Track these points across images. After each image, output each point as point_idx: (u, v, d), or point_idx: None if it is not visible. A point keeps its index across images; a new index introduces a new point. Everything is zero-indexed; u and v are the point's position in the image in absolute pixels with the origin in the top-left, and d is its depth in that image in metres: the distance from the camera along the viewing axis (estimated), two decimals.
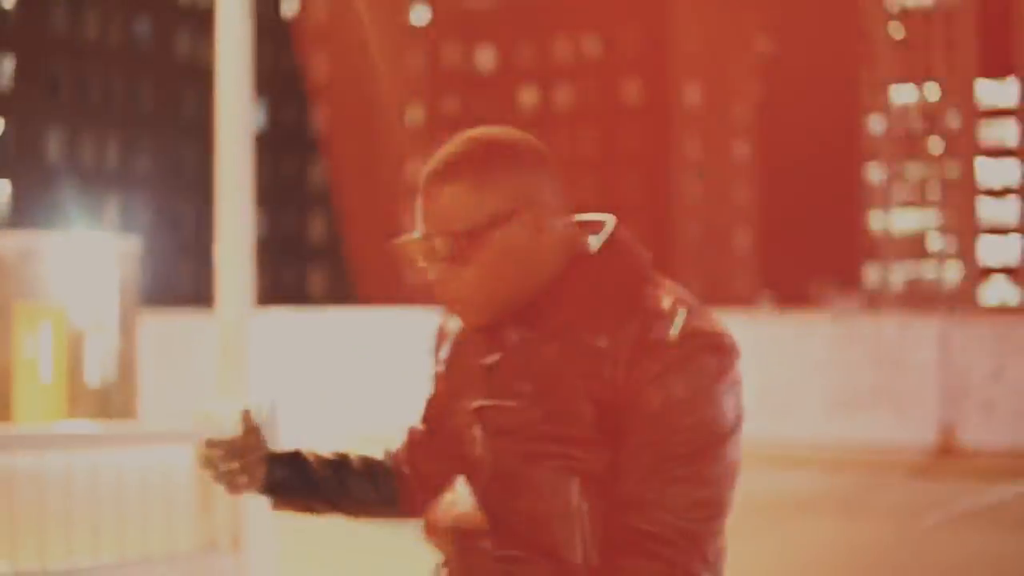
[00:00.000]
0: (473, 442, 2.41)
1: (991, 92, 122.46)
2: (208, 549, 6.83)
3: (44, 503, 6.20)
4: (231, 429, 2.69)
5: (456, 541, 2.43)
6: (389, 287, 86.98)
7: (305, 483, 2.61)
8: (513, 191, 2.28)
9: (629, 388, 2.20)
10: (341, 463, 2.66)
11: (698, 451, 2.18)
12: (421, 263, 2.34)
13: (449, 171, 2.30)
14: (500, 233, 2.27)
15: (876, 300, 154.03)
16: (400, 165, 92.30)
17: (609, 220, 2.43)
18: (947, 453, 17.48)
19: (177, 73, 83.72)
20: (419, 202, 2.33)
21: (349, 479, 2.66)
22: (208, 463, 2.51)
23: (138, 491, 6.85)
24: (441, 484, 2.51)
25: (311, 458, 2.63)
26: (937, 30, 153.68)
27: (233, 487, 2.56)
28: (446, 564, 2.50)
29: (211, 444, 2.52)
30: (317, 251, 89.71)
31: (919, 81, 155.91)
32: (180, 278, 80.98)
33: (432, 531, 2.52)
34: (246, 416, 2.56)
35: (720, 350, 2.21)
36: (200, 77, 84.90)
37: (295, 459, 2.60)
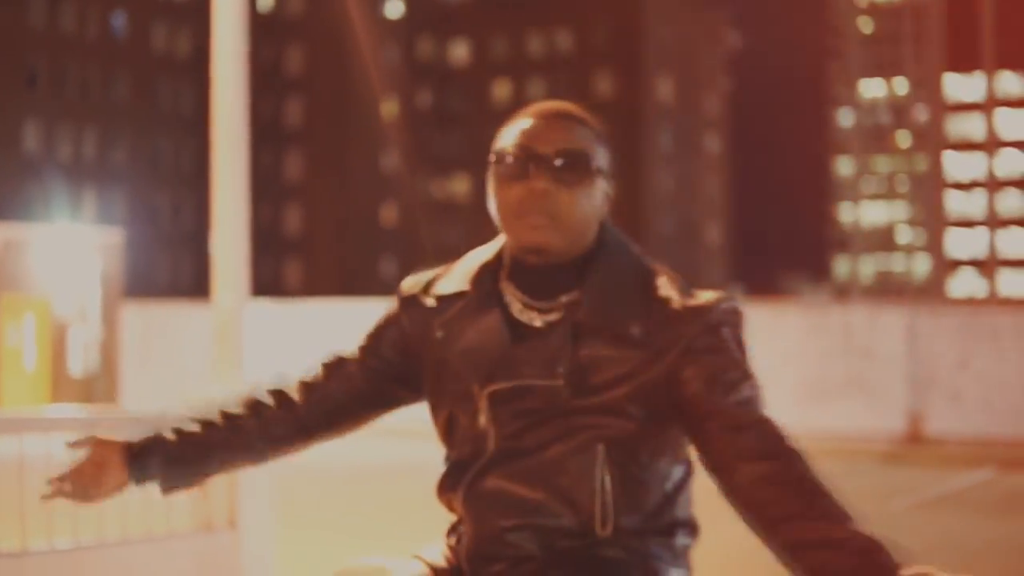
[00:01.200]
0: (475, 413, 2.58)
1: (959, 86, 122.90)
2: (204, 529, 7.01)
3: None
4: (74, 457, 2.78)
5: (472, 505, 2.58)
6: (364, 279, 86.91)
7: (183, 459, 2.80)
8: (611, 165, 2.61)
9: (673, 355, 2.49)
10: (228, 415, 2.82)
11: (744, 375, 2.53)
12: (517, 179, 2.54)
13: (581, 117, 2.61)
14: (599, 181, 2.57)
15: (845, 292, 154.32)
16: (375, 157, 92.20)
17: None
18: (915, 441, 17.76)
19: (154, 65, 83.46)
20: (534, 128, 2.58)
21: (247, 425, 2.81)
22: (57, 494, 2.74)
23: None
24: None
25: (184, 432, 2.80)
26: (905, 25, 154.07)
27: (86, 499, 2.78)
28: (457, 525, 2.68)
29: (56, 479, 2.76)
30: (292, 243, 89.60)
31: (888, 75, 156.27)
32: (157, 269, 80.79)
33: (444, 493, 2.69)
34: (92, 440, 2.77)
35: (730, 313, 2.56)
36: (177, 69, 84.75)
37: (160, 445, 2.78)
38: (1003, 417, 17.90)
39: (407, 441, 19.21)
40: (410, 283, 2.77)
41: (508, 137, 2.60)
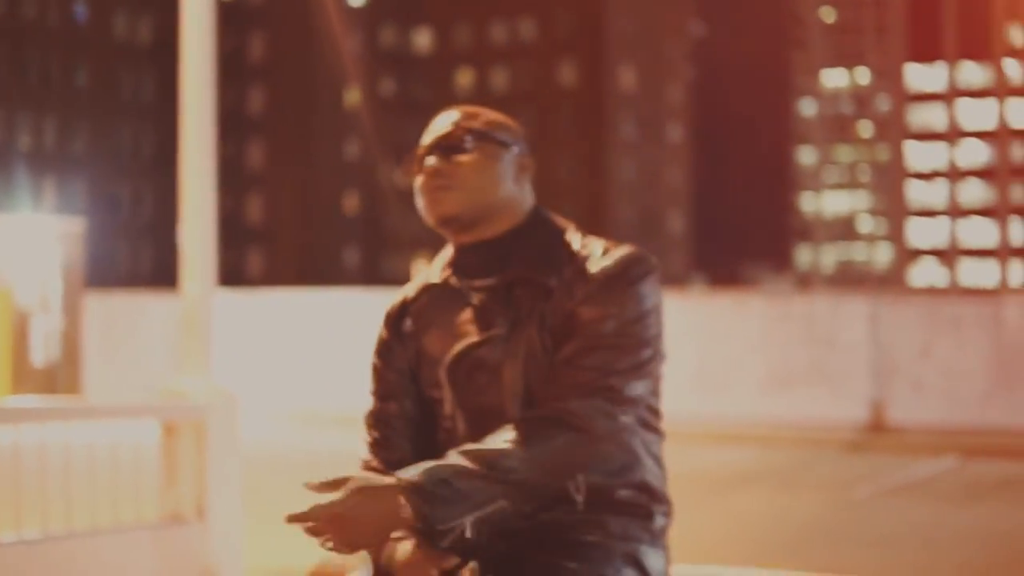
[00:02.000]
0: (444, 398, 2.79)
1: (920, 76, 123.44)
2: (173, 521, 7.01)
3: (20, 477, 6.40)
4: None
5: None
6: (327, 268, 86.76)
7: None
8: (516, 138, 2.90)
9: (574, 305, 2.70)
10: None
11: (625, 325, 2.69)
12: (417, 174, 2.85)
13: (470, 114, 2.89)
14: (489, 149, 2.84)
15: (807, 281, 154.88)
16: (337, 146, 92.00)
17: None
18: (877, 429, 17.86)
19: (115, 53, 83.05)
20: (422, 138, 2.89)
21: None
22: None
23: (106, 464, 7.05)
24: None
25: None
26: (868, 15, 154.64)
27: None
28: None
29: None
30: (254, 233, 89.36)
31: (850, 65, 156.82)
32: (117, 258, 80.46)
33: None
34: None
35: (639, 262, 2.75)
36: (138, 57, 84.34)
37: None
38: (965, 405, 18.03)
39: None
40: (391, 300, 3.02)
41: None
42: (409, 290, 2.94)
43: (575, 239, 2.82)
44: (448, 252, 2.92)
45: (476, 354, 2.74)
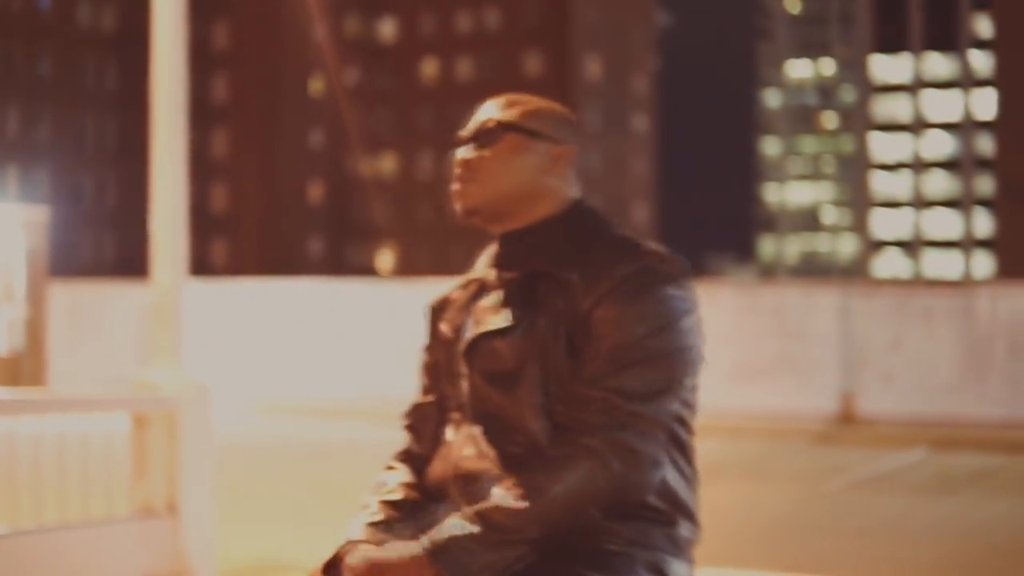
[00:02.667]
0: (460, 388, 2.71)
1: (885, 68, 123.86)
2: (144, 515, 6.91)
3: None
4: None
5: (461, 486, 2.65)
6: (292, 258, 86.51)
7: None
8: (553, 127, 2.81)
9: (589, 306, 2.59)
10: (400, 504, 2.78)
11: (648, 338, 2.57)
12: (457, 155, 2.80)
13: (513, 101, 2.83)
14: (515, 140, 2.76)
15: (771, 272, 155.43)
16: (302, 135, 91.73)
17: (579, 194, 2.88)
18: (847, 421, 17.84)
19: (79, 42, 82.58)
20: (475, 115, 2.83)
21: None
22: None
23: (76, 457, 6.94)
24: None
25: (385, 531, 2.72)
26: (833, 6, 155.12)
27: None
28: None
29: None
30: (218, 222, 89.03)
31: (815, 56, 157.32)
32: (80, 247, 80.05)
33: (432, 484, 2.75)
34: None
35: (666, 262, 2.64)
36: (102, 46, 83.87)
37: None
38: (935, 397, 18.03)
39: (338, 421, 19.15)
40: (438, 290, 2.96)
41: None
42: (454, 283, 2.89)
43: (609, 236, 2.71)
44: (493, 244, 2.86)
45: (491, 345, 2.66)
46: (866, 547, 9.70)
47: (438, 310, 2.87)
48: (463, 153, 2.77)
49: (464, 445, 2.65)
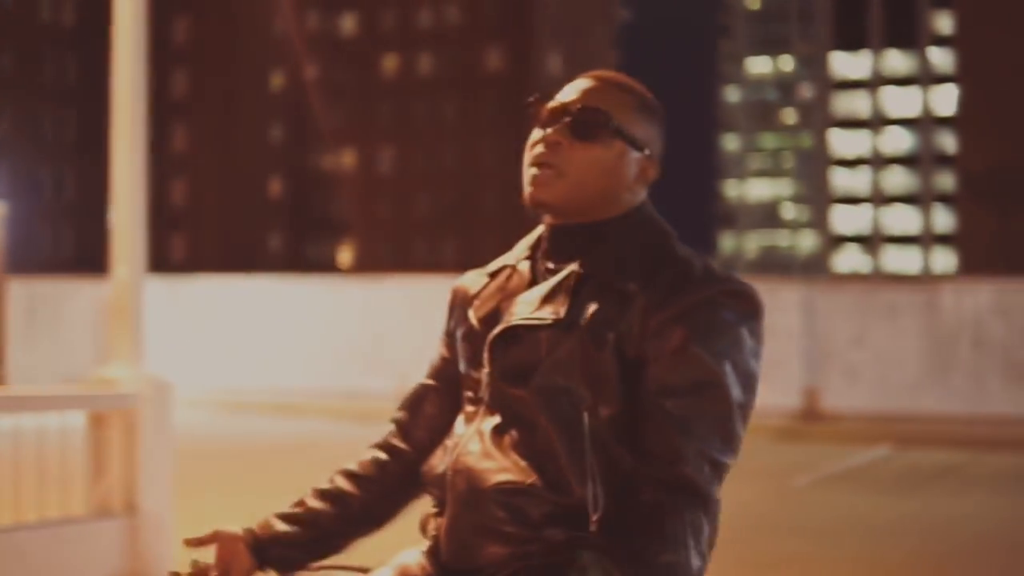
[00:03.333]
0: (479, 381, 2.49)
1: (845, 64, 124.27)
2: (101, 515, 6.79)
3: None
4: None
5: (455, 483, 2.45)
6: (252, 254, 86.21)
7: (306, 547, 2.66)
8: (651, 136, 2.55)
9: (647, 329, 2.36)
10: (333, 496, 2.69)
11: (713, 383, 2.35)
12: (539, 129, 2.52)
13: (628, 85, 2.56)
14: (620, 146, 2.50)
15: (731, 267, 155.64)
16: (262, 130, 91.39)
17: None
18: (812, 417, 17.81)
19: (39, 36, 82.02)
20: (576, 85, 2.55)
21: (355, 506, 2.67)
22: None
23: (32, 455, 6.80)
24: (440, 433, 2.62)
25: (296, 522, 2.67)
26: (793, 2, 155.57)
27: None
28: (439, 514, 2.52)
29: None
30: (177, 217, 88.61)
31: (775, 53, 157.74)
32: (38, 243, 79.53)
33: (429, 478, 2.55)
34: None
35: (743, 298, 2.41)
36: (62, 40, 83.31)
37: (276, 538, 2.64)
38: (898, 393, 18.04)
39: (298, 417, 19.02)
40: (464, 275, 2.74)
41: (557, 94, 2.58)
42: (486, 270, 2.66)
43: (673, 249, 2.48)
44: (536, 233, 2.63)
45: (521, 339, 2.45)
46: (835, 545, 9.63)
47: (466, 295, 2.64)
48: (558, 137, 2.48)
49: (471, 440, 2.45)
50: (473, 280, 2.66)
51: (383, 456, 2.70)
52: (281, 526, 2.67)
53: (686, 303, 2.37)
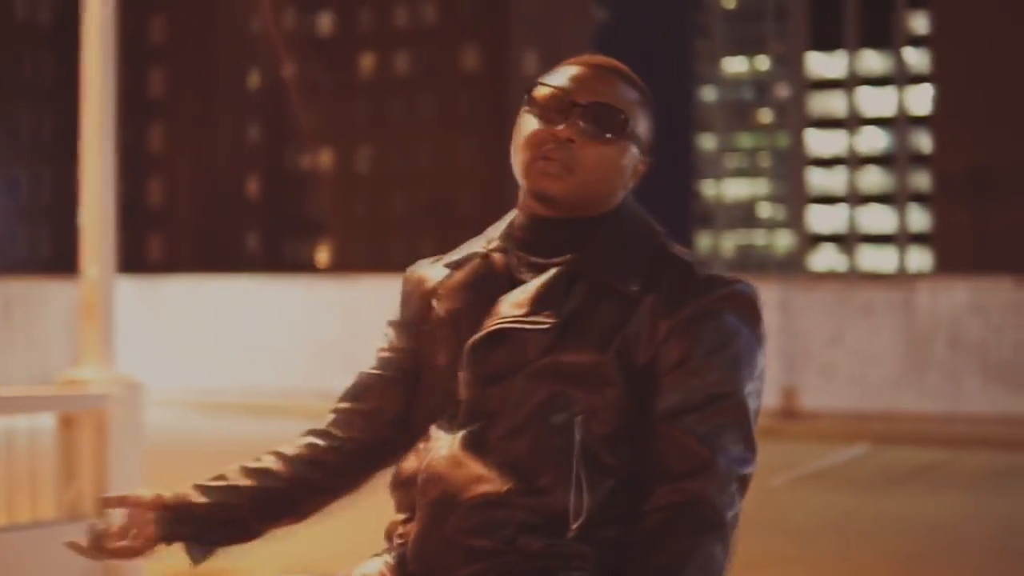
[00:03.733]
0: (456, 384, 2.35)
1: (821, 64, 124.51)
2: (71, 518, 6.70)
3: None
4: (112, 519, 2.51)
5: (426, 490, 2.33)
6: (229, 254, 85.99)
7: (220, 526, 2.51)
8: (648, 135, 2.46)
9: (656, 335, 2.28)
10: (258, 473, 2.56)
11: (729, 393, 2.28)
12: (547, 121, 2.38)
13: (633, 79, 2.47)
14: (629, 147, 2.40)
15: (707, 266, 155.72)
16: (240, 129, 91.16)
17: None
18: (789, 416, 17.78)
19: (14, 35, 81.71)
20: (580, 75, 2.42)
21: (278, 482, 2.55)
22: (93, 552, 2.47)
23: (1, 458, 6.71)
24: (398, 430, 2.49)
25: (214, 495, 2.52)
26: (769, 2, 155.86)
27: (123, 556, 2.50)
28: (407, 520, 2.39)
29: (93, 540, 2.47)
30: (154, 216, 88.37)
31: (751, 52, 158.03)
32: (15, 243, 79.24)
33: (399, 483, 2.42)
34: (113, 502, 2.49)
35: (746, 301, 2.34)
36: (38, 39, 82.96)
37: (189, 510, 2.50)
38: (876, 392, 18.02)
39: (273, 418, 18.93)
40: (416, 264, 2.60)
41: (552, 78, 2.46)
42: (445, 259, 2.51)
43: (667, 247, 2.39)
44: (509, 220, 2.51)
45: (509, 342, 2.31)
46: (816, 545, 9.59)
47: (423, 286, 2.51)
48: (570, 133, 2.35)
49: (446, 445, 2.31)
50: (431, 270, 2.53)
51: (319, 443, 2.56)
52: (196, 498, 2.51)
53: (693, 309, 2.29)
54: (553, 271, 2.34)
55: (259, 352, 21.38)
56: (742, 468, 2.30)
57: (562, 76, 2.44)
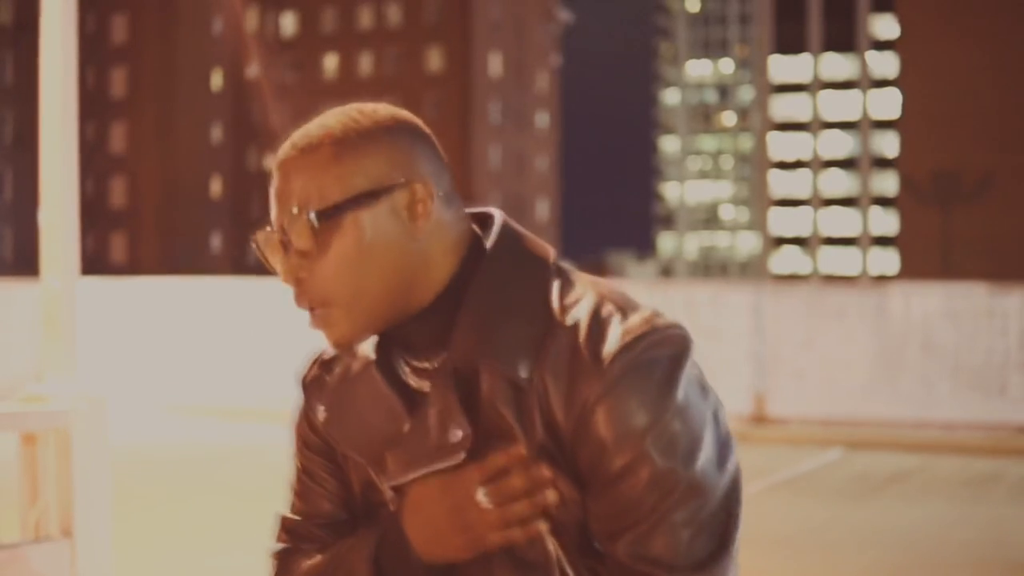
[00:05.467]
0: (383, 509, 1.95)
1: (784, 68, 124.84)
2: (36, 539, 6.47)
3: None
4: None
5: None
6: (194, 254, 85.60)
7: None
8: (385, 166, 1.86)
9: (569, 423, 1.79)
10: None
11: (668, 489, 1.78)
12: (274, 263, 1.89)
13: (306, 144, 1.91)
14: (366, 215, 1.83)
15: (671, 268, 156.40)
16: (203, 129, 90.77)
17: (495, 213, 1.99)
18: (760, 421, 17.66)
19: None
20: (276, 186, 1.89)
21: None
22: None
23: None
24: None
25: None
26: (733, 6, 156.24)
27: None
28: None
29: None
30: (117, 217, 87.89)
31: (714, 56, 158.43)
32: None
33: None
34: None
35: (663, 345, 1.83)
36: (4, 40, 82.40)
37: None
38: (847, 397, 17.92)
39: (242, 423, 18.71)
40: (304, 366, 2.07)
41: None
42: (324, 355, 2.02)
43: (561, 295, 1.85)
44: None
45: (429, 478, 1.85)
46: (793, 557, 9.44)
47: (312, 393, 2.01)
48: (293, 260, 1.85)
49: None
50: (318, 373, 2.02)
51: (311, 545, 2.02)
52: None
53: (601, 381, 1.77)
54: (434, 368, 1.87)
55: (226, 355, 21.15)
56: (715, 564, 1.79)
57: (270, 192, 1.91)
